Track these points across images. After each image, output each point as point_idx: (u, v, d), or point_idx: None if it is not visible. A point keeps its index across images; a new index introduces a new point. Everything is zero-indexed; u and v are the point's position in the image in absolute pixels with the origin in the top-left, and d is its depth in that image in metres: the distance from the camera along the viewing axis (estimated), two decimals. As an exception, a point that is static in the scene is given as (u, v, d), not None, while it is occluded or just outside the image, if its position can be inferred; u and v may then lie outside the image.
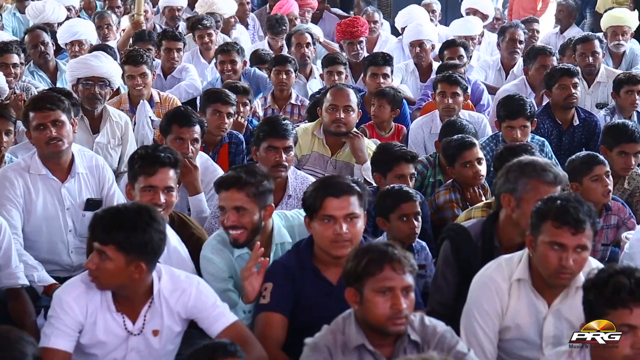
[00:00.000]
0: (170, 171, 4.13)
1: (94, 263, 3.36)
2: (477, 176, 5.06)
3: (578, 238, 3.31)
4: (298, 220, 4.09)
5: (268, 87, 7.21)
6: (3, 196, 4.55)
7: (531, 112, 5.61)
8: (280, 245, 4.02)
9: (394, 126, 6.37)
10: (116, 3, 10.90)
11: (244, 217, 3.87)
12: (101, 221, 3.38)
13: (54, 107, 4.57)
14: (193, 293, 3.52)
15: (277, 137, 4.78)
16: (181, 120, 5.01)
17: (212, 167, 5.20)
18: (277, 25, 8.81)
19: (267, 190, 3.91)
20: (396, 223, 4.39)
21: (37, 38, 7.56)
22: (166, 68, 7.55)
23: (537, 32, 9.15)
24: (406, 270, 3.13)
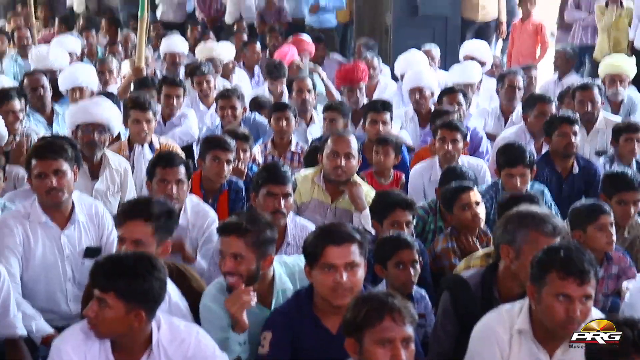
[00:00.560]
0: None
1: (93, 311, 3.34)
2: (475, 219, 5.06)
3: (584, 288, 3.30)
4: (299, 267, 4.08)
5: (268, 133, 7.23)
6: (2, 244, 4.53)
7: (531, 160, 5.61)
8: (282, 292, 4.00)
9: (393, 174, 6.37)
10: (117, 49, 11.02)
11: (240, 264, 3.85)
12: (102, 268, 3.37)
13: (57, 156, 4.57)
14: (192, 343, 3.49)
15: (276, 184, 4.78)
16: (164, 162, 5.02)
17: (204, 210, 5.17)
18: (275, 70, 8.86)
19: (268, 240, 3.89)
20: (393, 271, 4.38)
21: (36, 81, 7.59)
22: (165, 114, 7.56)
23: (536, 79, 9.19)
24: (406, 321, 3.11)
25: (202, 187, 5.74)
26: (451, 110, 7.15)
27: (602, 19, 10.01)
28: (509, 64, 10.81)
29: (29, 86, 7.59)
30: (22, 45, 10.96)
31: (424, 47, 10.03)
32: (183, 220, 5.03)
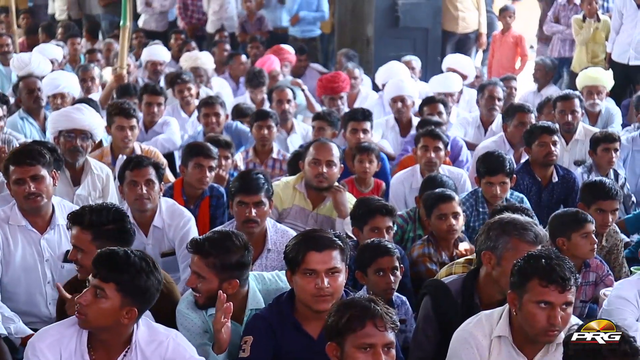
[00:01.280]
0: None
1: (86, 299, 3.34)
2: (450, 230, 5.08)
3: (565, 295, 3.33)
4: (275, 285, 4.10)
5: (249, 141, 7.25)
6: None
7: (510, 168, 5.66)
8: (255, 311, 3.98)
9: (374, 182, 6.40)
10: (96, 57, 10.99)
11: (202, 283, 3.87)
12: (108, 258, 3.38)
13: (34, 162, 4.59)
14: (170, 345, 3.49)
15: (247, 193, 4.79)
16: (132, 164, 5.05)
17: (179, 210, 5.18)
18: (255, 79, 8.90)
19: (234, 264, 3.87)
20: (373, 277, 4.40)
21: (33, 84, 7.57)
22: (147, 122, 7.57)
23: (515, 90, 9.28)
24: (388, 327, 3.13)
25: (184, 193, 5.77)
26: (442, 122, 7.21)
27: (579, 32, 10.11)
28: (489, 75, 10.89)
29: (25, 89, 7.56)
30: (3, 52, 10.92)
31: (404, 58, 10.09)
32: (159, 221, 5.07)
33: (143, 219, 5.02)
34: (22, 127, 7.31)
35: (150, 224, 5.06)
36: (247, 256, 3.93)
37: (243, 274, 3.93)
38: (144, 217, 5.04)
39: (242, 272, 3.92)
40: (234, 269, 3.87)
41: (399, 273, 4.45)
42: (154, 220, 5.06)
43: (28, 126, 7.34)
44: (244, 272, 3.94)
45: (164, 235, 5.08)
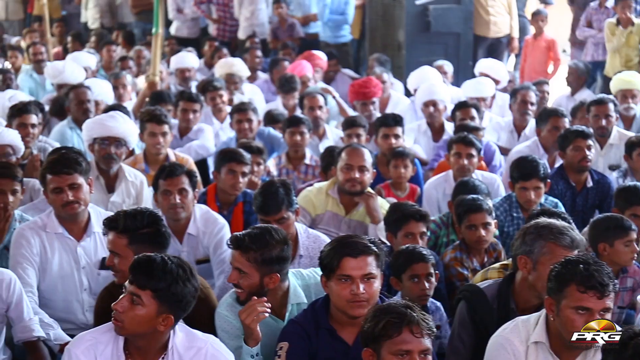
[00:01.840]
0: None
1: (122, 306, 3.35)
2: (479, 240, 5.05)
3: (603, 302, 3.30)
4: (314, 279, 4.11)
5: (282, 147, 7.27)
6: (19, 254, 4.59)
7: (544, 173, 5.62)
8: (297, 306, 4.02)
9: (409, 187, 6.39)
10: (128, 64, 11.07)
11: (243, 279, 3.90)
12: (145, 265, 3.38)
13: (71, 170, 4.63)
14: (209, 351, 3.50)
15: (267, 214, 4.78)
16: (165, 173, 5.06)
17: (213, 217, 5.20)
18: (286, 84, 8.91)
19: (274, 258, 3.90)
20: (408, 283, 4.40)
21: (83, 95, 7.60)
22: (182, 128, 7.59)
23: (548, 94, 9.20)
24: (424, 334, 3.13)
25: (217, 199, 5.78)
26: (479, 128, 7.20)
27: (611, 39, 10.04)
28: (522, 80, 10.82)
29: (75, 99, 7.58)
30: (37, 60, 11.03)
31: (436, 63, 10.05)
32: (193, 228, 5.08)
33: (177, 227, 5.04)
34: (70, 138, 7.36)
35: (185, 232, 5.07)
36: (287, 250, 3.96)
37: (283, 268, 3.95)
38: (179, 225, 5.06)
39: (283, 266, 3.94)
40: (274, 263, 3.90)
41: (433, 279, 4.44)
42: (188, 227, 5.08)
43: (76, 137, 7.39)
44: (284, 266, 3.96)
45: (199, 242, 5.10)
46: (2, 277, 4.18)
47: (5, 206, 5.04)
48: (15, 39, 14.11)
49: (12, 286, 4.19)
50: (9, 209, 5.06)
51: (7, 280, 4.19)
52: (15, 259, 4.61)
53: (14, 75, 10.42)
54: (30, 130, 6.60)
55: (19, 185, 5.16)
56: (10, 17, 15.54)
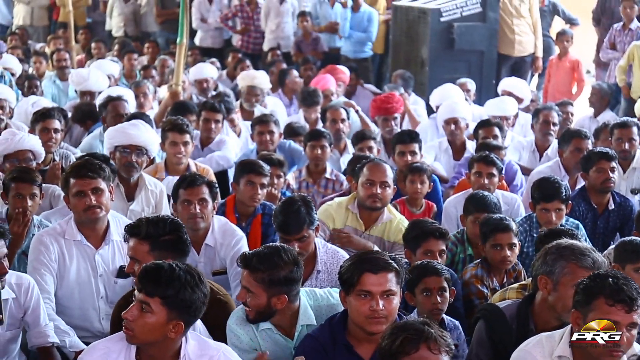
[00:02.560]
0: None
1: (132, 314, 3.34)
2: (504, 260, 5.02)
3: (631, 316, 3.28)
4: (327, 302, 4.08)
5: (303, 160, 7.26)
6: (38, 260, 4.60)
7: (566, 195, 5.58)
8: (306, 327, 3.98)
9: (425, 203, 6.37)
10: (150, 73, 11.11)
11: (250, 298, 3.88)
12: (152, 273, 3.38)
13: (95, 175, 4.65)
14: (221, 359, 3.49)
15: (289, 234, 4.74)
16: (186, 183, 5.06)
17: (231, 229, 5.19)
18: (309, 98, 8.90)
19: (282, 279, 3.86)
20: (420, 297, 4.36)
21: (122, 108, 7.54)
22: (204, 139, 7.58)
23: (572, 115, 9.14)
24: (442, 350, 3.11)
25: (236, 210, 5.77)
26: (501, 147, 7.17)
27: (637, 59, 9.97)
28: (545, 100, 10.77)
29: (113, 112, 7.51)
30: (61, 67, 11.08)
31: (459, 80, 10.03)
32: (211, 239, 5.08)
33: (195, 237, 5.02)
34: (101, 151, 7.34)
35: (203, 243, 5.06)
36: (297, 272, 3.92)
37: (292, 289, 3.92)
38: (197, 236, 5.04)
39: (291, 287, 3.91)
40: (282, 285, 3.87)
41: (447, 294, 4.38)
42: (206, 238, 5.07)
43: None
44: (293, 288, 3.93)
45: (216, 253, 5.09)
46: (21, 282, 4.20)
47: (24, 210, 5.07)
48: (39, 45, 14.19)
49: (30, 291, 4.21)
50: (27, 214, 5.08)
51: (25, 285, 4.21)
52: (33, 265, 4.62)
53: (39, 82, 10.46)
54: (52, 135, 6.63)
55: (38, 189, 5.18)
56: (35, 23, 15.61)
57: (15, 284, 4.17)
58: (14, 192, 5.13)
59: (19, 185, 5.12)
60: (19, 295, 4.18)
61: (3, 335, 4.16)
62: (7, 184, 5.17)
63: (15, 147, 5.85)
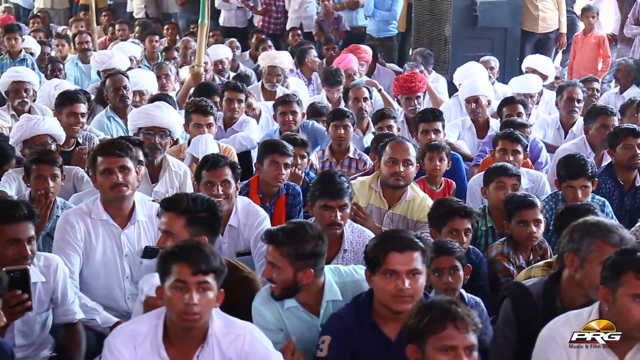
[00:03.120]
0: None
1: (196, 299, 3.36)
2: (530, 237, 5.00)
3: None
4: (351, 277, 4.07)
5: (326, 140, 7.24)
6: (64, 240, 4.63)
7: (592, 172, 5.54)
8: (332, 303, 3.98)
9: (444, 181, 6.34)
10: (172, 55, 11.11)
11: (276, 273, 3.88)
12: (198, 252, 3.43)
13: (123, 153, 4.67)
14: (247, 339, 3.51)
15: (331, 197, 4.76)
16: (209, 165, 5.05)
17: (254, 209, 5.17)
18: (331, 77, 8.86)
19: (308, 253, 3.87)
20: (432, 277, 4.31)
21: (119, 81, 7.54)
22: (227, 119, 7.55)
23: (597, 92, 9.06)
24: (469, 329, 3.10)
25: (259, 190, 5.76)
26: (527, 124, 7.12)
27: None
28: (570, 77, 10.68)
29: (111, 87, 7.54)
30: (83, 49, 11.11)
31: (482, 58, 9.95)
32: (234, 220, 5.07)
33: None
34: (108, 128, 7.36)
35: (226, 224, 5.06)
36: (322, 246, 3.92)
37: (317, 263, 3.92)
38: None
39: (317, 261, 3.91)
40: (308, 258, 3.87)
41: (460, 273, 4.34)
42: (229, 219, 5.07)
43: (114, 125, 7.41)
44: (319, 262, 3.93)
45: (239, 234, 5.09)
46: (49, 263, 4.23)
47: (46, 192, 5.10)
48: (61, 28, 14.23)
49: (58, 271, 4.24)
50: (49, 195, 5.11)
51: (54, 266, 4.24)
52: (58, 244, 4.65)
53: (62, 65, 10.48)
54: (80, 119, 6.62)
55: (59, 170, 5.21)
56: (56, 6, 15.68)
57: (43, 266, 4.19)
58: (35, 174, 5.15)
59: (39, 167, 5.14)
60: (48, 276, 4.20)
61: (33, 319, 4.19)
62: (29, 166, 5.20)
63: (31, 132, 5.87)
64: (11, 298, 3.81)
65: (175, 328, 3.44)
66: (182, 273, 3.37)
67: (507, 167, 5.59)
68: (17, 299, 3.86)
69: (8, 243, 3.99)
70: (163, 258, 3.47)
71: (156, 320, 3.50)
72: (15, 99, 7.69)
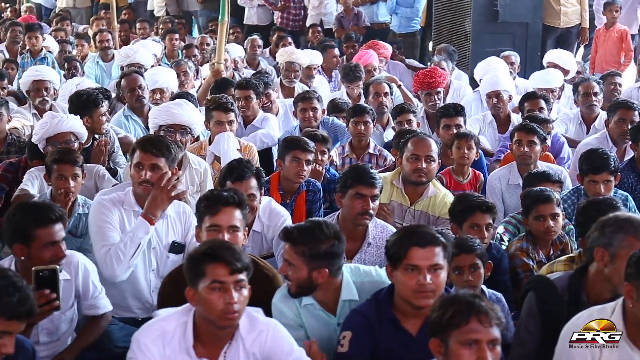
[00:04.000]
0: (236, 211, 4.17)
1: (235, 298, 3.39)
2: (548, 231, 4.98)
3: None
4: (369, 278, 4.06)
5: (346, 136, 7.23)
6: (101, 220, 4.64)
7: (615, 166, 5.51)
8: (348, 303, 3.97)
9: (471, 172, 6.31)
10: (193, 52, 11.12)
11: (292, 271, 3.89)
12: (231, 251, 3.45)
13: (157, 152, 4.69)
14: (270, 334, 3.52)
15: (365, 185, 4.78)
16: (234, 177, 4.95)
17: (275, 210, 5.15)
18: (351, 73, 8.86)
19: (323, 253, 3.86)
20: (453, 275, 4.28)
21: (134, 82, 7.53)
22: (245, 117, 7.56)
23: (620, 86, 8.98)
24: (493, 323, 3.08)
25: (280, 187, 5.76)
26: (549, 120, 7.09)
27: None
28: (592, 71, 10.63)
29: (127, 87, 7.54)
30: (104, 47, 11.14)
31: (503, 53, 9.91)
32: (258, 225, 5.05)
33: None
34: (126, 127, 7.36)
35: (250, 230, 5.03)
36: (338, 246, 3.91)
37: (334, 263, 3.91)
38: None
39: (333, 261, 3.90)
40: (323, 258, 3.86)
41: (481, 271, 4.33)
42: (253, 225, 5.04)
43: (132, 124, 7.42)
44: (335, 262, 3.92)
45: (263, 238, 5.07)
46: (70, 260, 4.24)
47: (66, 191, 5.13)
48: (82, 27, 14.29)
49: (80, 267, 4.25)
50: (70, 195, 5.14)
51: (74, 262, 4.25)
52: (97, 224, 4.64)
53: (79, 63, 10.52)
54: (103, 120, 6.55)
55: (80, 170, 5.24)
56: (78, 4, 15.76)
57: (65, 264, 4.19)
58: (56, 173, 5.19)
59: (60, 167, 5.18)
60: (70, 273, 4.22)
61: (58, 317, 4.20)
62: (50, 165, 5.23)
63: (55, 130, 5.88)
64: (40, 297, 3.82)
65: (207, 327, 3.45)
66: (219, 274, 3.38)
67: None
68: (45, 298, 3.88)
69: (44, 246, 4.01)
70: (194, 259, 3.46)
71: (184, 318, 3.50)
72: (36, 97, 7.74)
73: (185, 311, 3.52)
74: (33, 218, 4.02)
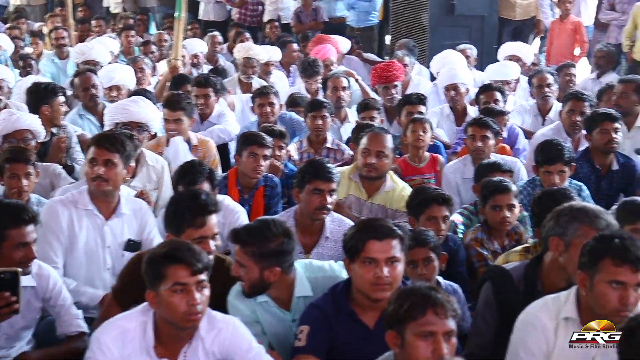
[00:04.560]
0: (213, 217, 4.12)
1: (198, 300, 3.36)
2: (503, 222, 5.03)
3: (637, 276, 3.26)
4: (323, 273, 4.07)
5: (304, 131, 7.24)
6: (47, 228, 4.59)
7: (569, 157, 5.56)
8: (302, 299, 3.97)
9: (429, 156, 6.35)
10: (150, 49, 11.05)
11: (244, 272, 3.88)
12: (192, 252, 3.42)
13: (112, 148, 4.64)
14: (229, 332, 3.52)
15: (323, 180, 4.79)
16: (187, 181, 4.94)
17: (230, 207, 5.16)
18: (309, 68, 8.87)
19: (272, 251, 3.86)
20: (407, 269, 4.23)
21: (87, 81, 7.46)
22: (202, 113, 7.54)
23: (575, 77, 9.07)
24: (449, 315, 3.09)
25: (238, 183, 5.76)
26: (505, 112, 7.14)
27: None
28: (548, 63, 10.72)
29: (81, 86, 7.47)
30: (59, 45, 11.03)
31: (459, 46, 9.96)
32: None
33: None
34: (81, 125, 7.29)
35: None
36: (288, 243, 3.91)
37: (284, 261, 3.91)
38: None
39: (283, 259, 3.90)
40: (273, 257, 3.86)
41: (435, 264, 4.36)
42: None
43: (87, 123, 7.35)
44: (286, 259, 3.92)
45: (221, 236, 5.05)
46: (42, 272, 4.16)
47: (19, 190, 5.07)
48: (37, 25, 14.13)
49: (50, 281, 4.18)
50: (23, 194, 5.08)
51: (45, 275, 4.17)
52: (42, 232, 4.55)
53: (34, 61, 10.41)
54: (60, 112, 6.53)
55: (33, 168, 5.18)
56: (32, 2, 15.57)
57: (36, 274, 4.13)
58: (8, 172, 5.12)
59: (12, 166, 5.11)
60: (39, 284, 4.15)
61: (17, 322, 4.14)
62: (2, 165, 5.16)
63: (12, 127, 5.82)
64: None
65: (167, 327, 3.43)
66: (181, 275, 3.35)
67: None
68: (4, 300, 3.82)
69: (16, 246, 3.95)
70: (154, 261, 3.42)
71: (143, 317, 3.47)
72: (-11, 96, 7.64)
73: (145, 310, 3.49)
74: (5, 218, 3.96)
